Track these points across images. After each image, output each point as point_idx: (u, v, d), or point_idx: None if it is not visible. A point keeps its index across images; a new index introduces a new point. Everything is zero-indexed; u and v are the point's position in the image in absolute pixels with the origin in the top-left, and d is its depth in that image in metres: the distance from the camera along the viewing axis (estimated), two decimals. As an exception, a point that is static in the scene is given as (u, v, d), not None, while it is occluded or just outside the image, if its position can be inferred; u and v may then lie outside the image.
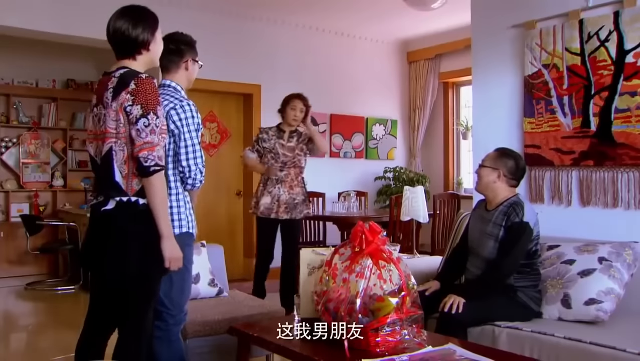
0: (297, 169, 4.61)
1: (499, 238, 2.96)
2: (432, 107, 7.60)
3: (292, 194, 4.55)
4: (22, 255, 6.93)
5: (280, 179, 4.54)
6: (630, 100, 3.32)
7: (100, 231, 2.31)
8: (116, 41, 2.31)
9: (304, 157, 4.66)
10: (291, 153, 4.57)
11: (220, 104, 6.69)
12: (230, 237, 6.67)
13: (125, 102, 2.20)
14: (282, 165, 4.56)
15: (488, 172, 3.08)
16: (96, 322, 2.45)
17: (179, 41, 2.76)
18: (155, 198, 2.23)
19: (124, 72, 2.26)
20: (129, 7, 2.34)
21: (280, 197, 4.52)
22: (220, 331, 3.05)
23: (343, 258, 2.37)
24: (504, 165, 3.05)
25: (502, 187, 3.05)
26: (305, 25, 7.02)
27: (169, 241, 2.27)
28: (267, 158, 4.57)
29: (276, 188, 4.54)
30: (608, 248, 2.99)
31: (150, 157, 2.19)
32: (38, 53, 7.15)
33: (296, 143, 4.61)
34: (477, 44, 4.24)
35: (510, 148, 3.19)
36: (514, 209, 2.95)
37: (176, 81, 2.72)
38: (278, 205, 4.52)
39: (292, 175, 4.57)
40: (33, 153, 7.32)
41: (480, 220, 3.13)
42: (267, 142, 4.59)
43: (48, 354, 4.04)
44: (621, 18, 3.34)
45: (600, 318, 2.81)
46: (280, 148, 4.55)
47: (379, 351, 2.15)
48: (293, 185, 4.57)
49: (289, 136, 4.60)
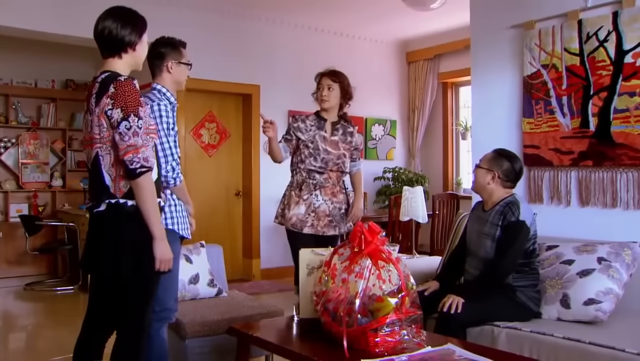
0: (338, 173, 3.66)
1: (496, 237, 2.97)
2: (431, 107, 7.61)
3: (336, 203, 3.63)
4: (21, 256, 6.92)
5: (318, 184, 3.61)
6: (629, 100, 3.32)
7: (95, 233, 2.34)
8: (103, 39, 2.32)
9: (348, 160, 3.72)
10: (335, 151, 3.64)
11: (219, 104, 6.69)
12: (229, 237, 6.67)
13: (105, 106, 2.21)
14: (322, 166, 3.60)
15: (483, 173, 3.10)
16: (95, 323, 2.45)
17: (161, 44, 2.80)
18: (144, 199, 2.24)
19: (105, 77, 2.27)
20: (118, 7, 2.36)
21: (319, 208, 3.57)
22: (219, 331, 3.06)
23: (342, 259, 2.38)
24: (499, 167, 3.06)
25: (496, 189, 3.06)
26: (304, 25, 7.02)
27: (161, 243, 2.28)
28: (304, 154, 3.62)
29: (313, 196, 3.59)
30: (607, 248, 3.00)
31: (135, 159, 2.20)
32: (37, 53, 7.14)
33: (341, 138, 3.68)
34: (476, 44, 4.24)
35: (508, 150, 3.18)
36: (510, 208, 2.96)
37: (162, 84, 2.78)
38: (317, 217, 3.56)
39: (333, 179, 3.63)
40: (32, 153, 7.31)
41: (478, 220, 3.14)
42: (305, 133, 3.64)
43: (47, 354, 4.03)
44: (620, 18, 3.34)
45: (599, 319, 2.81)
46: (321, 142, 3.62)
47: (378, 352, 2.15)
48: (335, 191, 3.63)
49: (332, 128, 3.68)
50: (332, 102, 3.65)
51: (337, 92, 3.67)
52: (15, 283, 6.61)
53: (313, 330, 2.45)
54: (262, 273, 6.71)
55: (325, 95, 3.64)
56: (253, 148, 6.72)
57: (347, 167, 3.70)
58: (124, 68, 2.33)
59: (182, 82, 2.83)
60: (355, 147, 3.76)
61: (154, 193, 2.28)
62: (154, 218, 2.26)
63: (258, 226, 6.76)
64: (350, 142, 3.71)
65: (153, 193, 2.27)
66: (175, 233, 2.70)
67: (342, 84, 3.69)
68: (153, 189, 2.28)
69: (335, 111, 3.71)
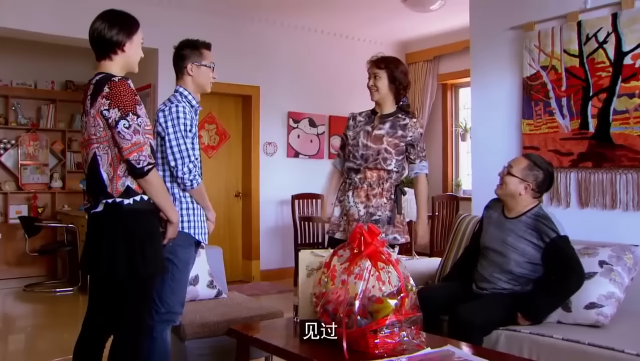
0: (379, 172, 3.15)
1: (536, 256, 2.86)
2: (430, 108, 7.61)
3: (370, 207, 3.12)
4: (21, 257, 6.92)
5: (352, 184, 3.19)
6: (629, 101, 3.32)
7: (94, 234, 2.35)
8: (93, 41, 2.35)
9: (394, 157, 3.14)
10: (376, 145, 3.13)
11: (219, 106, 6.69)
12: (229, 239, 6.67)
13: (101, 106, 2.23)
14: (360, 163, 3.15)
15: (516, 182, 2.95)
16: (94, 324, 2.46)
17: (182, 47, 2.80)
18: (156, 194, 2.32)
19: (99, 78, 2.30)
20: (109, 10, 2.39)
21: (349, 211, 3.17)
22: (219, 332, 3.05)
23: (342, 260, 2.37)
24: (535, 178, 2.93)
25: (526, 199, 2.95)
26: (304, 26, 7.03)
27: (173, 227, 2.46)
28: (347, 152, 3.25)
29: (346, 197, 3.22)
30: (608, 251, 2.98)
31: (141, 157, 2.24)
32: (37, 54, 7.14)
33: (389, 131, 3.16)
34: (475, 46, 4.25)
35: (542, 158, 3.07)
36: (545, 224, 2.85)
37: (183, 86, 2.77)
38: (347, 221, 3.17)
39: (371, 179, 3.14)
40: (32, 154, 7.31)
41: (499, 227, 3.03)
42: (352, 130, 3.26)
43: (46, 356, 4.03)
44: (619, 20, 3.34)
45: (600, 323, 2.79)
46: (363, 138, 3.18)
47: (378, 353, 2.15)
48: (372, 194, 3.13)
49: (380, 121, 3.21)
50: (382, 92, 3.19)
51: (385, 80, 3.19)
52: (15, 285, 6.61)
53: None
54: (262, 275, 6.71)
55: (372, 85, 3.22)
56: (253, 149, 6.72)
57: (393, 164, 3.13)
58: (116, 70, 2.35)
59: (204, 84, 2.80)
60: (409, 142, 3.16)
61: (163, 185, 2.40)
62: (168, 207, 2.40)
63: (258, 227, 6.76)
64: (400, 135, 3.15)
65: (163, 186, 2.39)
66: (190, 238, 2.67)
67: (390, 71, 3.18)
68: (161, 182, 2.39)
69: (389, 103, 3.23)
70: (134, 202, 2.27)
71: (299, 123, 7.03)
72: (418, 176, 3.25)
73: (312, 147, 7.11)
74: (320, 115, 7.05)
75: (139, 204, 2.29)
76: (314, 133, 7.16)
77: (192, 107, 2.72)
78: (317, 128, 7.17)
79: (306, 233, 6.22)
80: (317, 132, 7.16)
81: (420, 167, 3.24)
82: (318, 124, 7.13)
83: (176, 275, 2.64)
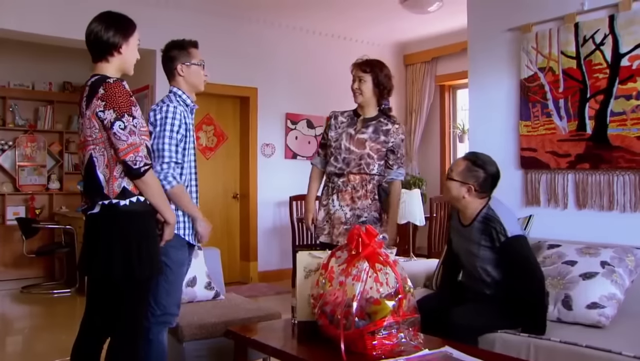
0: (362, 175, 3.21)
1: (494, 262, 2.80)
2: (428, 110, 7.61)
3: (356, 209, 3.18)
4: (18, 258, 6.90)
5: (336, 188, 3.24)
6: (626, 103, 3.33)
7: (91, 235, 2.35)
8: (90, 43, 2.36)
9: (377, 162, 3.21)
10: (359, 150, 3.19)
11: (217, 107, 6.69)
12: (227, 240, 6.67)
13: (96, 108, 2.24)
14: (342, 167, 3.22)
15: (457, 185, 2.85)
16: (92, 325, 2.45)
17: (169, 48, 2.79)
18: (152, 194, 2.32)
19: (94, 80, 2.30)
20: (106, 12, 2.39)
21: (334, 214, 3.21)
22: (216, 334, 3.05)
23: (339, 261, 2.37)
24: (475, 178, 2.82)
25: (472, 201, 2.85)
26: (302, 28, 7.03)
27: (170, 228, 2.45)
28: (328, 155, 3.30)
29: (330, 200, 3.24)
30: (610, 252, 2.98)
31: (137, 158, 2.24)
32: (34, 55, 7.14)
33: (371, 136, 3.21)
34: (473, 47, 4.25)
35: (481, 155, 2.92)
36: (492, 227, 2.75)
37: (177, 86, 2.76)
38: (332, 224, 3.22)
39: (354, 182, 3.20)
40: (29, 156, 7.29)
41: (460, 236, 2.99)
42: (334, 130, 3.29)
43: (44, 357, 4.02)
44: (616, 21, 3.35)
45: (601, 323, 2.78)
46: (345, 140, 3.22)
47: (376, 355, 2.15)
48: (356, 196, 3.19)
49: (363, 125, 3.25)
50: (366, 95, 3.22)
51: (370, 84, 3.22)
52: (12, 286, 6.60)
53: (310, 332, 2.45)
54: (260, 276, 6.71)
55: (356, 88, 3.25)
56: (250, 150, 6.72)
57: (375, 169, 3.20)
58: (112, 71, 2.35)
59: (197, 83, 2.78)
60: (390, 148, 3.23)
61: (160, 186, 2.40)
62: (165, 209, 2.41)
63: (255, 228, 6.76)
64: (383, 141, 3.21)
65: (159, 187, 2.39)
66: (181, 238, 2.66)
67: (375, 75, 3.22)
68: (158, 183, 2.39)
69: (372, 106, 3.27)
70: (130, 203, 2.27)
71: (296, 125, 7.04)
72: (394, 181, 3.29)
73: (310, 148, 7.10)
74: (318, 117, 7.05)
75: (135, 205, 2.29)
76: (311, 134, 7.16)
77: (187, 106, 2.72)
78: (315, 129, 7.17)
79: (304, 235, 6.22)
80: (315, 133, 7.16)
81: (397, 174, 3.29)
82: (316, 125, 7.13)
83: (170, 277, 2.64)
